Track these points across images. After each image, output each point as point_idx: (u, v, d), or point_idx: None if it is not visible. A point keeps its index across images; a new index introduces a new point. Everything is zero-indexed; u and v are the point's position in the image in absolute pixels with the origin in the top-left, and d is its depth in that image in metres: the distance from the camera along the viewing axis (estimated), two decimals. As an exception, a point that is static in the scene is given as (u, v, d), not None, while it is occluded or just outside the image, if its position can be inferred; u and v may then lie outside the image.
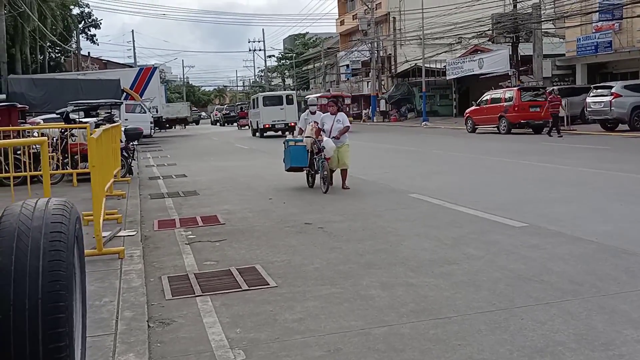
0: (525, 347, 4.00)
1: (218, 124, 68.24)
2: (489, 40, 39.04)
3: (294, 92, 39.78)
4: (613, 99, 24.23)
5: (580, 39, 32.46)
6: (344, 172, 11.51)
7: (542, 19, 32.08)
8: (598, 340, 4.05)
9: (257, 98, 35.73)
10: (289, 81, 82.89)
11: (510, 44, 34.67)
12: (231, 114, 62.16)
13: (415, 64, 45.10)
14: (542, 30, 32.80)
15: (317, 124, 11.50)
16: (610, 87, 24.91)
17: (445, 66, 42.81)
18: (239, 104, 64.93)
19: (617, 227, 7.30)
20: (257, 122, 34.86)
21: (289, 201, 10.46)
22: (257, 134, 34.79)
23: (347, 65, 59.08)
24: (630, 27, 30.01)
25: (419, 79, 43.76)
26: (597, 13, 30.58)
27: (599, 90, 25.36)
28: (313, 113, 12.32)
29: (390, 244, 6.99)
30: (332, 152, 10.97)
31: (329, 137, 11.24)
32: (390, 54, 51.60)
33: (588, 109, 25.55)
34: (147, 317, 4.77)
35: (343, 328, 4.49)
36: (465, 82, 44.25)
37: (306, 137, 11.45)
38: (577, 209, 8.55)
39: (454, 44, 40.90)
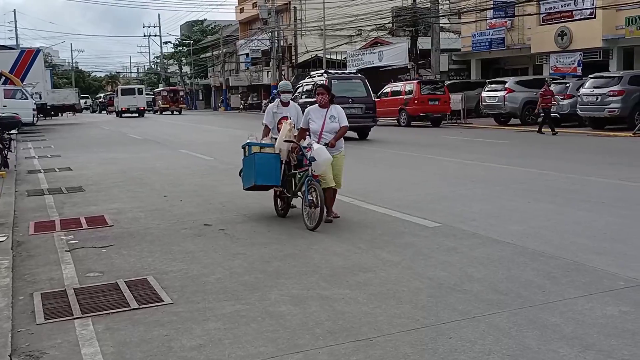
0: (458, 375, 3.54)
1: (88, 110, 76.08)
2: (388, 33, 39.33)
3: (143, 86, 59.33)
4: (506, 94, 24.95)
5: (475, 34, 33.30)
6: (331, 194, 7.68)
7: (440, 14, 32.59)
8: (535, 363, 3.65)
9: (118, 90, 54.24)
10: (186, 69, 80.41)
11: (410, 37, 35.02)
12: (104, 102, 72.46)
13: (316, 54, 44.80)
14: (440, 25, 33.33)
15: (292, 120, 8.02)
16: (504, 82, 25.64)
17: (345, 58, 42.73)
18: (107, 94, 75.83)
19: (530, 227, 7.08)
20: (118, 106, 51.57)
21: (186, 199, 9.64)
22: (118, 115, 51.04)
23: (247, 54, 58.03)
24: (521, 25, 31.07)
25: (319, 70, 43.44)
26: (491, 10, 31.48)
27: (493, 85, 26.05)
28: (286, 104, 8.43)
29: (298, 248, 6.41)
30: (325, 166, 7.26)
31: (318, 142, 7.55)
32: (290, 44, 51.03)
33: (483, 103, 26.23)
34: (10, 349, 3.93)
35: (251, 356, 3.85)
36: (365, 74, 44.31)
37: (285, 141, 7.72)
38: (489, 207, 8.32)
39: (354, 35, 40.93)
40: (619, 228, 6.91)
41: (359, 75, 22.49)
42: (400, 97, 27.15)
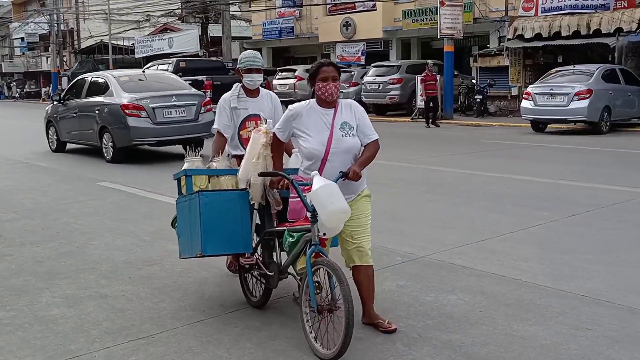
0: (243, 363, 3.45)
1: None
2: (178, 19, 38.45)
3: None
4: (297, 81, 25.72)
5: (265, 23, 33.76)
6: (367, 276, 4.14)
7: (230, 2, 32.52)
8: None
9: None
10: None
11: (200, 24, 34.56)
12: None
13: (102, 40, 42.33)
14: (231, 12, 33.28)
15: (268, 124, 4.15)
16: (294, 70, 26.39)
17: (133, 44, 40.95)
18: None
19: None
20: None
21: (-56, 197, 8.47)
22: None
23: (22, 38, 53.10)
24: (309, 15, 32.11)
25: (105, 56, 41.18)
26: (281, -1, 32.15)
27: (284, 73, 26.70)
28: (254, 92, 4.80)
29: (77, 245, 5.91)
30: (339, 223, 3.68)
31: (321, 172, 3.75)
32: (72, 28, 47.68)
33: (274, 91, 26.70)
34: None
35: (14, 369, 3.42)
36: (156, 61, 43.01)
37: (260, 174, 3.93)
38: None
39: (142, 21, 39.38)
40: (397, 207, 7.33)
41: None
42: (193, 84, 26.65)
